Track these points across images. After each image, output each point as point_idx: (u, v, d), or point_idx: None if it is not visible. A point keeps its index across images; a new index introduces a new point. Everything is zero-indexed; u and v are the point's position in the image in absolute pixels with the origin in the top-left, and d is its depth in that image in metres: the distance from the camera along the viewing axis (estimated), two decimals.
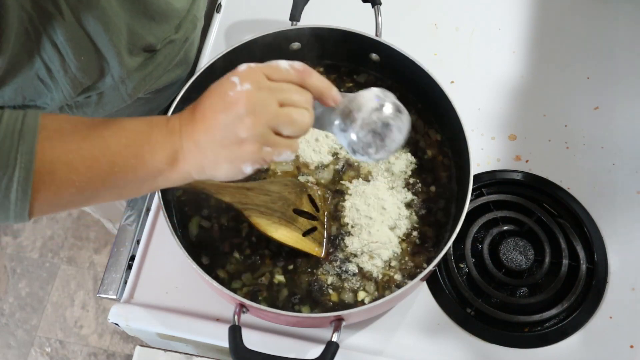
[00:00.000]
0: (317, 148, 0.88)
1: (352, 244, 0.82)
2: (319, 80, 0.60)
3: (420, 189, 0.86)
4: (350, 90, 0.93)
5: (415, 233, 0.83)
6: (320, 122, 0.65)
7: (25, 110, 0.55)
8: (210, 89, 0.58)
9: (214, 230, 0.84)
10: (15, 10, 0.61)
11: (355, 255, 0.82)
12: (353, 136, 0.63)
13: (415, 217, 0.84)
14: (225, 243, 0.83)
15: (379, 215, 0.83)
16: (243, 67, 0.58)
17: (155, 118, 0.60)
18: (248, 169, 0.58)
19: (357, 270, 0.81)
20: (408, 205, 0.85)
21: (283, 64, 0.59)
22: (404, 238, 0.83)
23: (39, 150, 0.54)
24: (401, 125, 0.64)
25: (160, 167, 0.58)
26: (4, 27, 0.60)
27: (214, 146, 0.57)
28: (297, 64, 0.60)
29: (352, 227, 0.83)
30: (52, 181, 0.55)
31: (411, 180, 0.86)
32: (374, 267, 0.81)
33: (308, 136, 0.89)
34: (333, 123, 0.64)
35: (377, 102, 0.63)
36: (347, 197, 0.85)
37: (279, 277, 0.81)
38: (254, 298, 0.79)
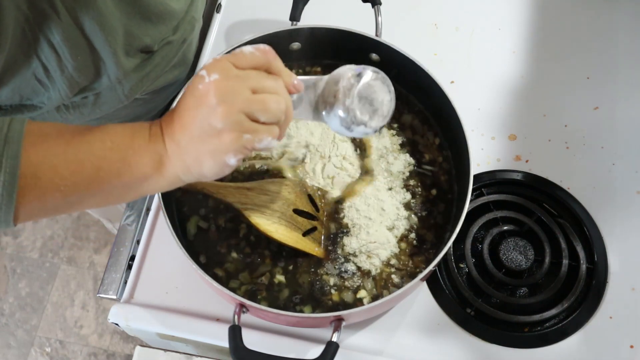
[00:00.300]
0: None
1: (350, 243, 0.82)
2: (282, 65, 0.60)
3: (419, 191, 0.86)
4: None
5: (414, 234, 0.83)
6: (307, 112, 0.65)
7: (12, 117, 0.55)
8: (185, 89, 0.58)
9: (212, 230, 0.84)
10: (11, 10, 0.61)
11: (354, 255, 0.82)
12: (341, 111, 0.63)
13: (414, 218, 0.84)
14: (223, 243, 0.83)
15: (378, 216, 0.83)
16: (210, 60, 0.57)
17: (138, 124, 0.60)
18: (232, 161, 0.57)
19: (355, 270, 0.81)
20: (407, 206, 0.85)
21: (247, 49, 0.58)
22: (402, 238, 0.83)
23: (24, 154, 0.53)
24: (384, 85, 0.64)
25: (146, 171, 0.58)
26: (0, 27, 0.60)
27: (194, 142, 0.56)
28: (261, 46, 0.59)
29: (352, 227, 0.83)
30: (37, 185, 0.54)
31: (411, 182, 0.86)
32: (372, 266, 0.81)
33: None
34: (319, 108, 0.64)
35: (354, 71, 0.63)
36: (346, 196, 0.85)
37: (280, 277, 0.81)
38: (252, 297, 0.79)
